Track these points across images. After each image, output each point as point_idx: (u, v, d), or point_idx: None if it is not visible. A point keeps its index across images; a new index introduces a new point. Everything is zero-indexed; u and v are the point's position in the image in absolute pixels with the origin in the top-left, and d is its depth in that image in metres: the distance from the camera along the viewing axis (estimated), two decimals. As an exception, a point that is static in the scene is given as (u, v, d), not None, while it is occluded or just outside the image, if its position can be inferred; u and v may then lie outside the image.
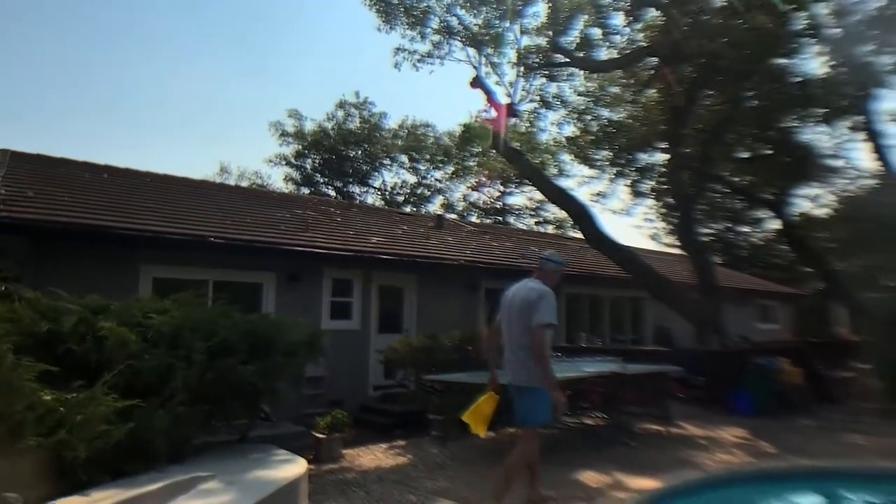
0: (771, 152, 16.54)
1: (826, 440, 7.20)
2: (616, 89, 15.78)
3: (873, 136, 14.11)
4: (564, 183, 19.40)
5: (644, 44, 12.99)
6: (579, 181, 25.65)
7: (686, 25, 11.20)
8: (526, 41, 13.44)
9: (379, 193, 32.59)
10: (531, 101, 14.50)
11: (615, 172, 17.87)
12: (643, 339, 15.25)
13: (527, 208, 32.34)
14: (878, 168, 14.34)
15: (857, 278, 17.16)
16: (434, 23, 12.98)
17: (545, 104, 14.87)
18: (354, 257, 9.96)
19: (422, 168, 32.47)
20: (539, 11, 13.17)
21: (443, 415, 7.36)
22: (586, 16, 13.16)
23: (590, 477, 5.42)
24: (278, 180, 32.88)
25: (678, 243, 23.23)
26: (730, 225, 27.94)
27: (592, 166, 17.77)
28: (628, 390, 7.28)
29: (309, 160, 30.97)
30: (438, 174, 32.69)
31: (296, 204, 13.49)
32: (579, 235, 18.12)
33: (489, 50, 13.51)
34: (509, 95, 13.12)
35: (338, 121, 30.99)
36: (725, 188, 18.86)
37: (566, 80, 14.89)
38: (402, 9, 12.64)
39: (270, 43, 47.79)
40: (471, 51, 13.22)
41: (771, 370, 9.24)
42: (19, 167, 9.62)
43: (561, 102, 15.30)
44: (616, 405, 7.29)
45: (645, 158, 17.54)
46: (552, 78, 14.43)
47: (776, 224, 21.84)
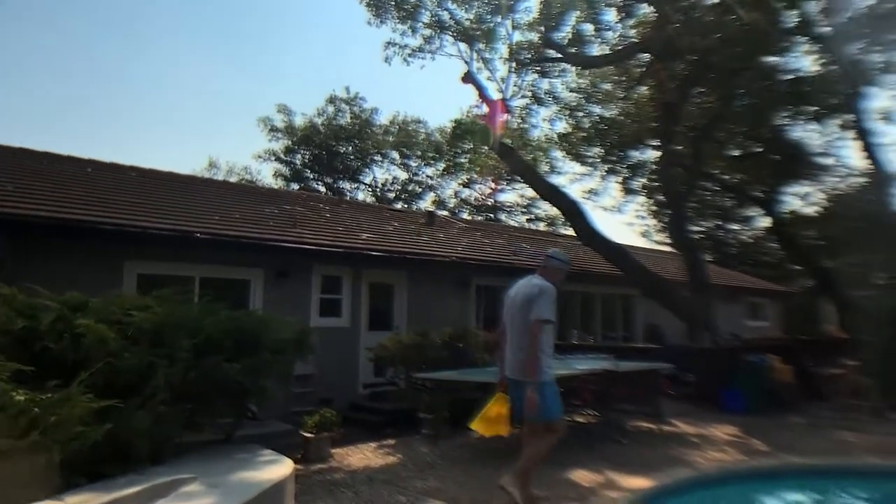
0: (761, 150, 16.60)
1: (817, 437, 7.19)
2: (608, 86, 15.73)
3: (863, 135, 14.15)
4: (556, 180, 19.36)
5: (636, 40, 12.94)
6: (571, 178, 25.66)
7: (679, 21, 11.15)
8: (518, 36, 13.37)
9: (370, 190, 32.41)
10: (523, 97, 14.44)
11: (607, 169, 17.85)
12: (634, 337, 15.25)
13: (518, 205, 32.30)
14: (868, 166, 14.38)
15: (847, 276, 17.24)
16: (425, 17, 12.87)
17: (537, 100, 14.79)
18: (344, 254, 9.83)
19: (413, 164, 32.32)
20: (531, 6, 13.14)
21: (433, 413, 7.27)
22: (578, 11, 13.09)
23: (582, 476, 5.35)
24: (268, 176, 32.62)
25: (669, 240, 23.32)
26: (720, 223, 28.08)
27: (584, 163, 17.74)
28: (620, 388, 7.22)
29: (299, 156, 30.71)
30: (430, 171, 32.56)
31: (285, 200, 13.32)
32: (571, 232, 18.12)
33: (481, 45, 13.40)
34: (501, 91, 13.04)
35: (328, 116, 30.75)
36: (716, 186, 18.91)
37: (558, 77, 14.84)
38: (393, 2, 12.51)
39: (261, 37, 47.40)
40: (462, 46, 13.12)
41: (762, 367, 9.23)
42: (0, 161, 9.40)
43: (553, 99, 15.24)
44: (608, 403, 7.23)
45: (636, 156, 17.54)
46: (544, 74, 14.35)
47: (766, 222, 21.96)
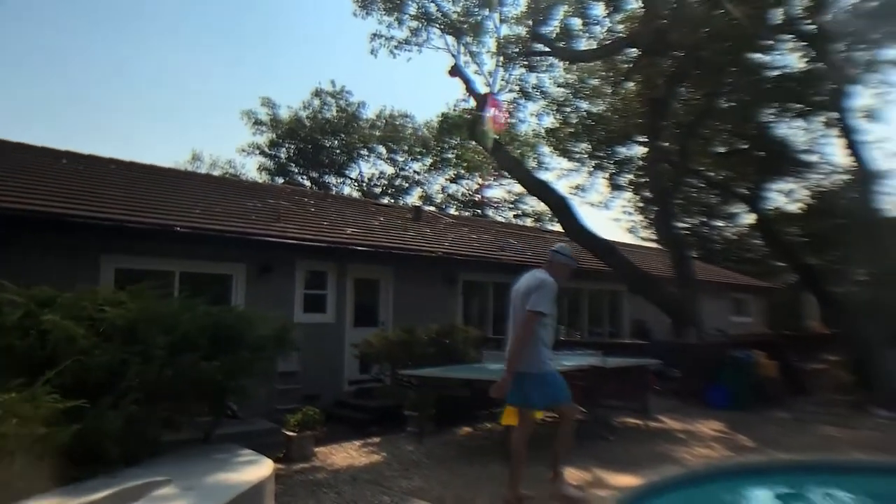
0: (747, 147, 16.64)
1: (802, 433, 7.20)
2: (595, 81, 15.66)
3: (847, 132, 14.23)
4: (543, 176, 19.29)
5: (624, 35, 12.88)
6: (558, 174, 25.66)
7: (667, 16, 11.10)
8: (505, 30, 13.25)
9: (356, 184, 32.15)
10: (510, 91, 14.32)
11: (594, 165, 17.78)
12: (621, 332, 15.26)
13: (505, 201, 32.25)
14: (852, 163, 14.46)
15: (829, 272, 17.39)
16: (412, 9, 12.70)
17: (524, 94, 14.68)
18: (328, 248, 9.66)
19: (400, 159, 32.11)
20: (519, 0, 12.99)
21: (419, 410, 7.16)
22: (566, 6, 12.98)
23: (569, 474, 5.25)
24: (252, 170, 32.29)
25: (656, 237, 23.38)
26: (704, 219, 28.26)
27: (571, 159, 17.66)
28: (608, 384, 7.15)
29: (283, 149, 30.36)
30: (417, 166, 32.38)
31: (268, 193, 13.10)
32: (558, 228, 18.08)
33: (468, 38, 13.27)
34: (488, 85, 12.92)
35: (314, 109, 30.42)
36: (702, 182, 18.96)
37: (546, 71, 14.74)
38: (380, -7, 12.33)
39: (246, 29, 46.75)
40: (449, 39, 12.98)
41: (747, 363, 9.24)
42: (-30, 151, 9.10)
43: (540, 93, 15.13)
44: (595, 399, 7.15)
45: (623, 152, 17.50)
46: (532, 68, 14.24)
47: (750, 218, 22.09)
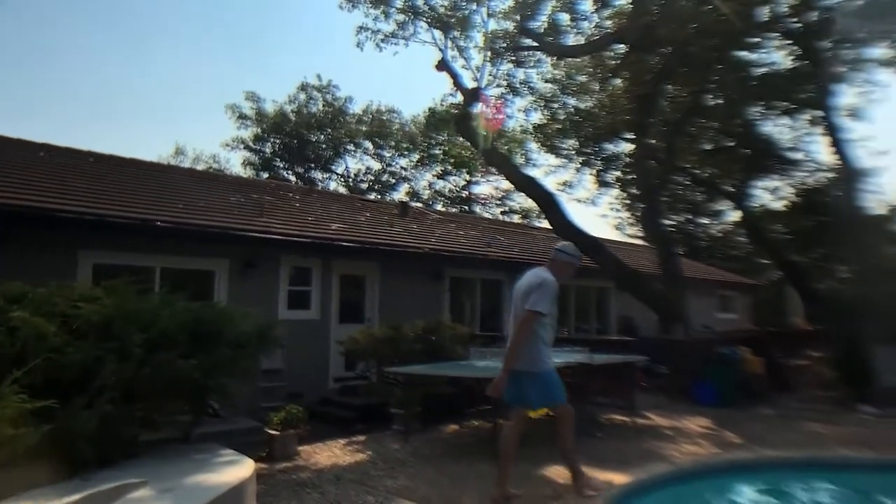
0: (733, 144, 16.74)
1: (788, 429, 7.21)
2: (583, 77, 15.64)
3: (832, 131, 14.35)
4: (531, 172, 19.22)
5: (612, 31, 12.84)
6: (546, 170, 25.68)
7: (655, 11, 11.07)
8: (493, 25, 13.15)
9: (342, 180, 31.90)
10: (498, 87, 14.24)
11: (581, 162, 17.80)
12: (608, 329, 15.28)
13: (493, 197, 32.20)
14: (836, 161, 14.60)
15: (814, 269, 17.57)
16: (399, 2, 12.55)
17: (512, 90, 14.60)
18: (313, 244, 9.52)
19: (387, 155, 31.91)
20: (507, -5, 12.88)
21: (405, 408, 7.07)
22: (554, 1, 12.92)
23: (557, 472, 5.20)
24: (237, 164, 31.94)
25: (644, 233, 23.48)
26: (690, 216, 28.46)
27: (559, 155, 17.66)
28: (595, 381, 7.11)
29: (269, 144, 30.02)
30: (404, 162, 32.20)
31: (252, 188, 12.89)
32: (546, 225, 18.05)
33: (456, 33, 13.15)
34: (476, 80, 12.83)
35: (300, 104, 30.10)
36: (688, 180, 19.06)
37: (533, 67, 14.68)
38: (366, -15, 12.17)
39: (232, 23, 46.13)
40: (437, 33, 12.84)
41: (734, 359, 9.26)
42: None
43: (528, 89, 15.08)
44: (583, 396, 7.10)
45: (611, 148, 17.52)
46: (519, 63, 14.17)
47: (735, 216, 22.26)
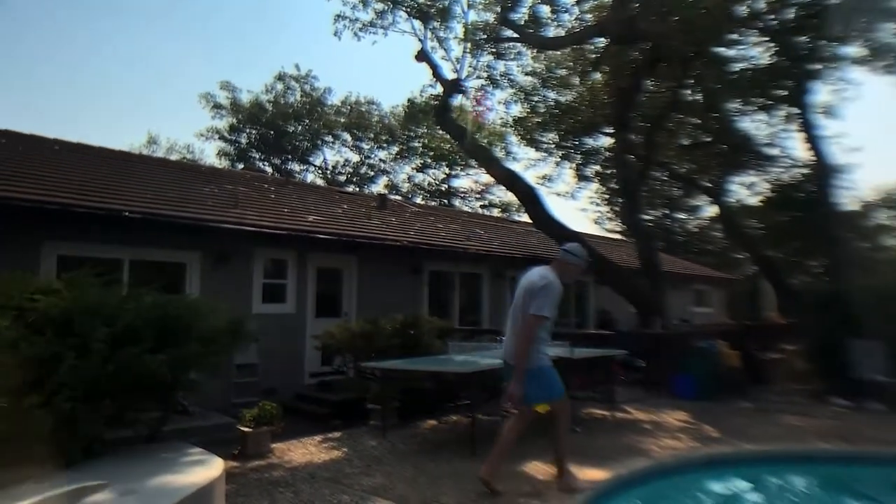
0: (710, 140, 16.87)
1: (766, 422, 7.24)
2: (563, 71, 15.58)
3: (806, 127, 14.53)
4: (511, 166, 19.15)
5: (593, 23, 12.78)
6: (526, 164, 25.64)
7: (636, 4, 11.03)
8: (473, 16, 12.99)
9: (320, 172, 31.48)
10: (478, 78, 14.09)
11: (561, 156, 17.75)
12: (586, 323, 15.32)
13: (473, 191, 32.12)
14: (811, 158, 14.79)
15: (788, 264, 17.84)
16: (377, -10, 12.29)
17: (492, 82, 14.47)
18: (288, 236, 9.30)
19: (365, 147, 31.57)
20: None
21: (382, 403, 6.94)
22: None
23: (536, 468, 5.13)
24: (211, 155, 31.29)
25: (623, 228, 23.60)
26: (667, 211, 28.77)
27: (539, 149, 17.58)
28: (575, 375, 7.04)
29: (244, 135, 29.45)
30: (383, 154, 31.90)
31: (226, 179, 12.58)
32: (525, 219, 18.02)
33: (435, 23, 12.96)
34: (456, 71, 12.67)
35: (277, 94, 29.57)
36: (666, 175, 19.19)
37: (514, 59, 14.55)
38: (343, -27, 11.89)
39: (210, 11, 45.13)
40: (416, 23, 12.64)
41: (711, 353, 9.31)
42: None
43: (508, 81, 14.95)
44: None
45: (590, 142, 17.52)
46: (500, 55, 14.03)
47: (712, 211, 22.52)
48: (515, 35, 12.98)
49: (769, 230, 18.15)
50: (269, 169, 29.62)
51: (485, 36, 12.99)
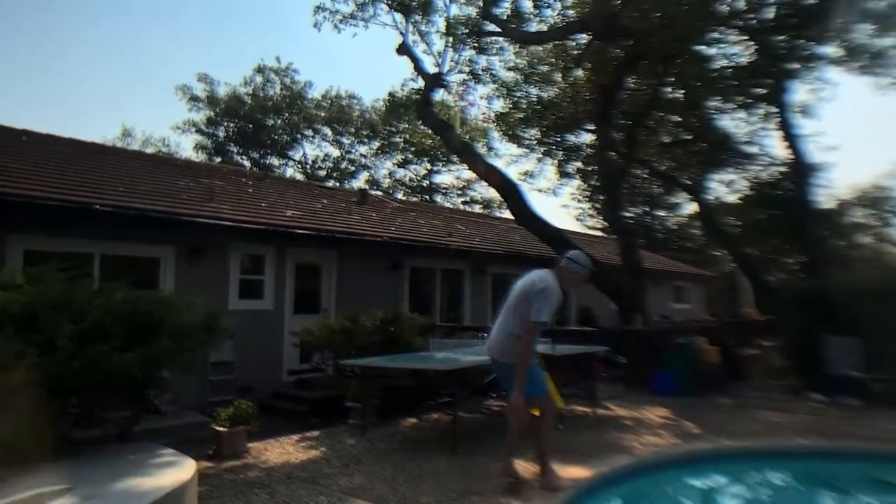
0: (690, 138, 17.02)
1: (746, 418, 7.29)
2: (545, 67, 15.55)
3: (784, 126, 14.73)
4: (493, 162, 19.11)
5: (576, 19, 12.76)
6: (508, 160, 25.61)
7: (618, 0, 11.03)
8: (455, 10, 12.89)
9: (299, 167, 31.11)
10: (460, 73, 14.00)
11: (543, 152, 17.76)
12: (567, 319, 15.32)
13: (454, 187, 32.02)
14: (788, 156, 14.99)
15: (765, 261, 18.08)
16: (358, -19, 12.14)
17: (474, 76, 14.38)
18: (266, 231, 9.11)
19: (346, 142, 31.26)
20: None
21: (362, 401, 6.82)
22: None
23: (518, 466, 5.05)
24: (188, 148, 30.72)
25: (604, 225, 23.70)
26: (647, 208, 28.99)
27: (521, 145, 17.56)
28: (557, 372, 7.00)
29: (222, 128, 28.93)
30: (364, 149, 31.61)
31: (202, 172, 12.31)
32: (507, 216, 17.97)
33: (417, 16, 12.84)
34: (438, 65, 12.59)
35: (256, 86, 29.10)
36: (646, 172, 19.32)
37: (496, 55, 14.48)
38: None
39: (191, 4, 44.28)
40: (397, 16, 12.53)
41: (691, 349, 9.35)
42: None
43: (490, 77, 14.88)
44: (544, 388, 7.01)
45: (572, 139, 17.55)
46: (482, 50, 13.95)
47: (692, 208, 22.74)
48: (498, 30, 12.91)
49: (747, 227, 18.40)
50: (248, 163, 29.17)
51: (467, 30, 12.90)
